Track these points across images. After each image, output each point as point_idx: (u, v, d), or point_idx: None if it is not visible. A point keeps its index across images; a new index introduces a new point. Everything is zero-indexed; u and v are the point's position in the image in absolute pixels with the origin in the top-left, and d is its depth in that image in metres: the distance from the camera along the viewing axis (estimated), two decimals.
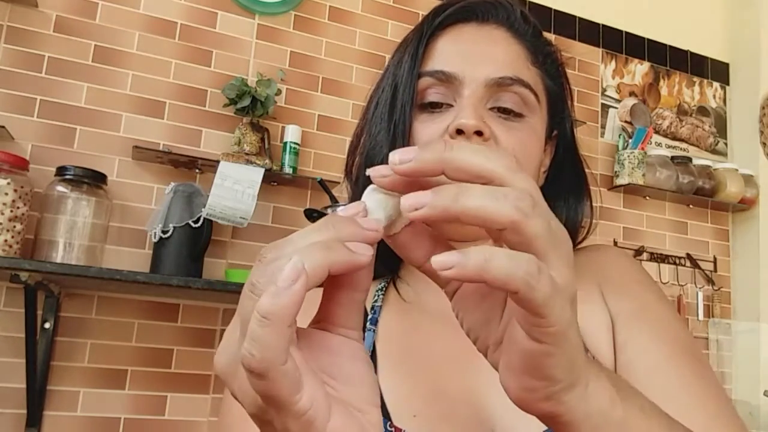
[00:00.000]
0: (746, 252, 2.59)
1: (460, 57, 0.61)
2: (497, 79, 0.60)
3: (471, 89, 0.59)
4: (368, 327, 0.62)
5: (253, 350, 0.29)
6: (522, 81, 0.60)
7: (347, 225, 0.32)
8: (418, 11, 2.28)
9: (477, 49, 0.62)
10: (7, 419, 1.62)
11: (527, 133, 0.61)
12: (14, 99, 1.75)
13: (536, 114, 0.62)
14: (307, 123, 2.05)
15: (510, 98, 0.60)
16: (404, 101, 0.61)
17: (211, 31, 1.99)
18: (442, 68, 0.61)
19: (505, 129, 0.59)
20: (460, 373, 0.57)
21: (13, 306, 1.65)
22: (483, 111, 0.59)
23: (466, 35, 0.63)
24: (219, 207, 1.76)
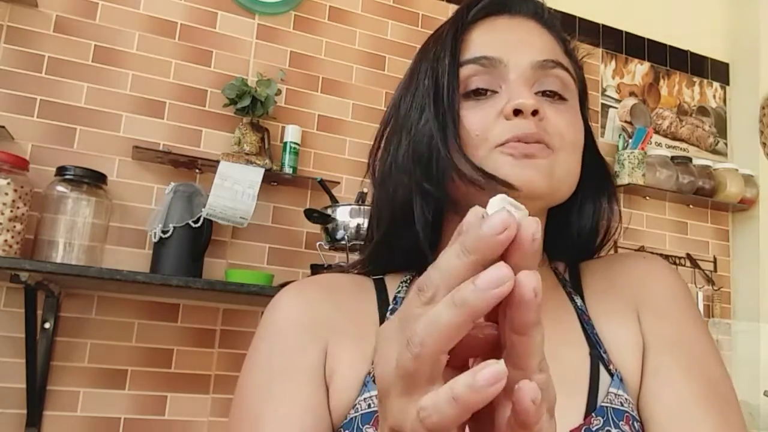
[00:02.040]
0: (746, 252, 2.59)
1: (500, 44, 0.61)
2: (541, 62, 0.60)
3: (517, 72, 0.60)
4: (388, 317, 0.62)
5: (434, 417, 0.29)
6: (563, 65, 0.61)
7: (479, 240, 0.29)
8: (418, 11, 2.28)
9: (515, 36, 0.62)
10: (7, 419, 1.62)
11: (573, 114, 0.62)
12: (14, 99, 1.75)
13: (575, 98, 0.63)
14: (307, 123, 2.05)
15: (554, 81, 0.61)
16: (449, 89, 0.60)
17: (211, 31, 1.99)
18: (484, 54, 0.61)
19: (554, 110, 0.60)
20: None
21: (13, 306, 1.65)
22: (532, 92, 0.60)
23: (501, 26, 0.64)
24: (219, 207, 1.76)
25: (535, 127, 0.57)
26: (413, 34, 2.25)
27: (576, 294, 0.66)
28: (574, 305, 0.64)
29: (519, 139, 0.57)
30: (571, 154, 0.60)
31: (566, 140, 0.59)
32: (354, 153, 2.09)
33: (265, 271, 1.83)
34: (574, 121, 0.61)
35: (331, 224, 1.78)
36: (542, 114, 0.58)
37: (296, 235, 2.00)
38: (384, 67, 2.19)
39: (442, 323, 0.29)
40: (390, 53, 2.21)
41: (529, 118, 0.57)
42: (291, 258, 1.97)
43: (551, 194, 0.59)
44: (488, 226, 0.29)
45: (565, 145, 0.59)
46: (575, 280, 0.68)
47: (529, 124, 0.57)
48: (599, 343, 0.60)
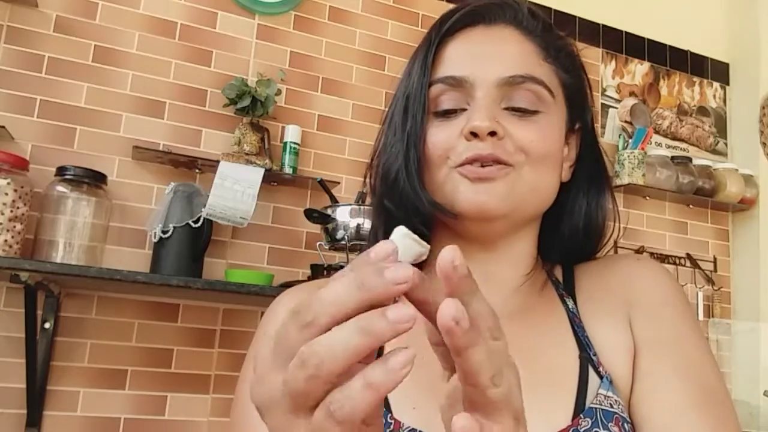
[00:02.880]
0: (746, 252, 2.59)
1: (470, 60, 0.61)
2: (508, 78, 0.60)
3: (483, 90, 0.60)
4: None
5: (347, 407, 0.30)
6: (534, 78, 0.60)
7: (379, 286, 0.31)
8: (418, 11, 2.28)
9: (486, 50, 0.62)
10: (7, 419, 1.62)
11: (544, 125, 0.61)
12: (14, 99, 1.75)
13: (552, 109, 0.62)
14: (307, 123, 2.05)
15: (523, 96, 0.60)
16: (416, 110, 0.61)
17: (211, 31, 1.99)
18: (452, 73, 0.61)
19: (520, 125, 0.59)
20: None
21: (13, 306, 1.65)
22: (497, 111, 0.60)
23: (475, 38, 0.63)
24: (219, 207, 1.76)
25: (491, 148, 0.58)
26: (413, 34, 2.25)
27: (568, 296, 0.66)
28: (565, 307, 0.64)
29: (474, 161, 0.58)
30: (538, 167, 0.60)
31: (531, 154, 0.59)
32: (354, 153, 2.09)
33: (265, 271, 1.83)
34: (544, 133, 0.60)
35: (331, 224, 1.78)
36: (501, 133, 0.58)
37: (296, 235, 2.00)
38: (384, 67, 2.19)
39: (348, 347, 0.30)
40: (390, 53, 2.21)
41: (486, 139, 0.58)
42: (291, 258, 1.97)
43: (511, 213, 0.60)
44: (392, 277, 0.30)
45: (529, 160, 0.59)
46: (569, 283, 0.68)
47: (485, 145, 0.58)
48: (589, 345, 0.60)
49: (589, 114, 0.68)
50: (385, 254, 0.32)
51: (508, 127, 0.59)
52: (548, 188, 0.63)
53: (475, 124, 0.57)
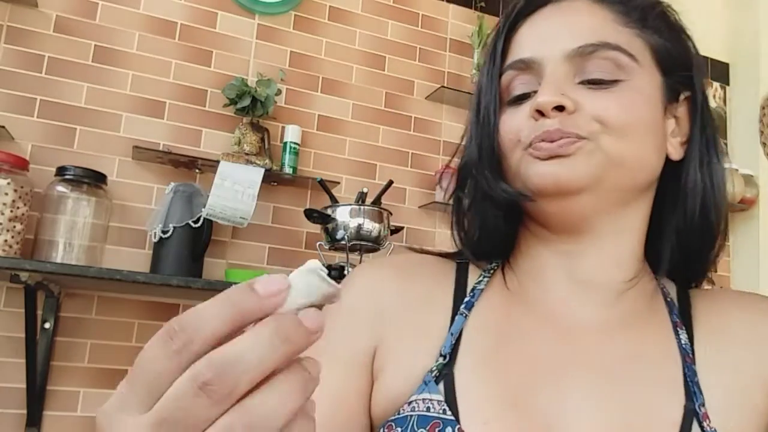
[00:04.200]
0: (746, 252, 2.59)
1: (537, 41, 0.58)
2: (576, 50, 0.55)
3: (551, 67, 0.56)
4: (461, 311, 0.57)
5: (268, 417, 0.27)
6: (607, 44, 0.55)
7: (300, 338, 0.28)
8: (418, 11, 2.28)
9: (553, 26, 0.58)
10: (7, 419, 1.62)
11: (626, 94, 0.55)
12: (14, 99, 1.75)
13: (636, 75, 0.55)
14: (307, 123, 2.05)
15: (598, 66, 0.55)
16: (487, 101, 0.58)
17: (211, 31, 1.99)
18: (519, 57, 0.58)
19: (595, 96, 0.54)
20: (548, 387, 0.52)
21: (13, 306, 1.65)
22: (568, 86, 0.55)
23: (543, 17, 0.59)
24: (219, 207, 1.76)
25: (559, 123, 0.53)
26: (413, 34, 2.25)
27: (682, 327, 0.58)
28: (677, 339, 0.56)
29: (542, 139, 0.54)
30: (621, 137, 0.53)
31: (609, 123, 0.53)
32: (354, 153, 2.09)
33: (265, 271, 1.83)
34: (624, 101, 0.54)
35: (331, 224, 1.78)
36: (570, 107, 0.53)
37: (296, 235, 2.00)
38: (384, 67, 2.19)
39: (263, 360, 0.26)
40: (390, 53, 2.21)
41: (552, 115, 0.53)
42: (291, 258, 1.97)
43: (591, 187, 0.53)
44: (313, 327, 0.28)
45: (608, 129, 0.53)
46: (683, 308, 0.60)
47: (551, 122, 0.53)
48: (697, 395, 0.52)
49: (697, 81, 0.59)
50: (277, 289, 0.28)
51: (580, 100, 0.54)
52: (640, 161, 0.55)
53: (539, 100, 0.54)
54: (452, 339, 0.55)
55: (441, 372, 0.53)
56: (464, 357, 0.54)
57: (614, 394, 0.52)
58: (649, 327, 0.57)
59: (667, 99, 0.58)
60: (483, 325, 0.56)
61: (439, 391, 0.51)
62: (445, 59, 2.29)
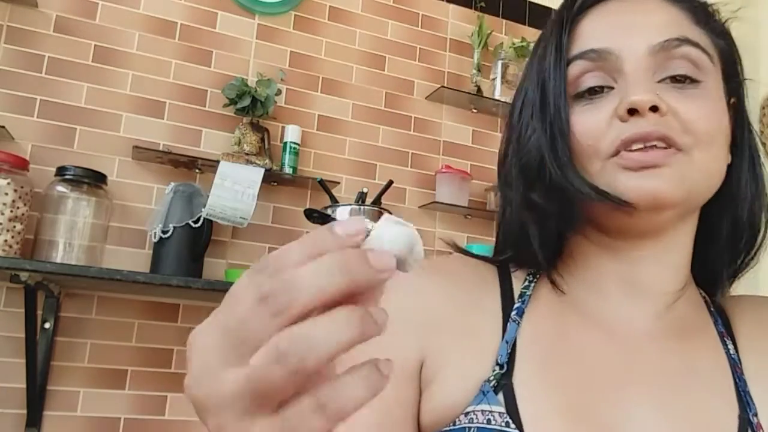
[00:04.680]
0: None
1: (611, 31, 0.53)
2: (662, 44, 0.51)
3: (633, 62, 0.51)
4: (513, 318, 0.54)
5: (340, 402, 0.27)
6: (690, 41, 0.52)
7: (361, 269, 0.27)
8: (418, 11, 2.28)
9: (628, 19, 0.54)
10: (7, 419, 1.62)
11: (709, 99, 0.52)
12: (14, 99, 1.75)
13: (712, 78, 0.53)
14: (307, 123, 2.05)
15: (680, 64, 0.52)
16: (556, 93, 0.53)
17: (211, 31, 1.99)
18: (593, 46, 0.53)
19: (683, 98, 0.51)
20: (611, 395, 0.51)
21: (13, 306, 1.65)
22: (653, 84, 0.51)
23: (612, 9, 0.55)
24: (219, 207, 1.76)
25: (655, 125, 0.49)
26: (413, 34, 2.25)
27: (728, 337, 0.57)
28: (725, 350, 0.56)
29: (635, 141, 0.49)
30: (709, 148, 0.51)
31: (700, 135, 0.50)
32: (354, 153, 2.09)
33: None
34: (709, 107, 0.52)
35: None
36: (664, 109, 0.49)
37: (296, 235, 1.99)
38: (384, 67, 2.19)
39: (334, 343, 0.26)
40: (390, 53, 2.21)
41: (647, 115, 0.49)
42: None
43: (684, 202, 0.51)
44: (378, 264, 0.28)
45: (698, 141, 0.50)
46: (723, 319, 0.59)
47: (646, 123, 0.49)
48: (749, 404, 0.52)
49: (742, 87, 0.59)
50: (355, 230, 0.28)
51: (670, 101, 0.50)
52: (719, 173, 0.53)
53: (634, 99, 0.49)
54: (507, 347, 0.52)
55: (499, 382, 0.50)
56: (522, 367, 0.52)
57: (675, 406, 0.51)
58: (699, 337, 0.56)
59: (727, 100, 0.57)
60: (537, 333, 0.54)
61: (499, 403, 0.49)
62: (445, 59, 2.29)
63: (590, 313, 0.56)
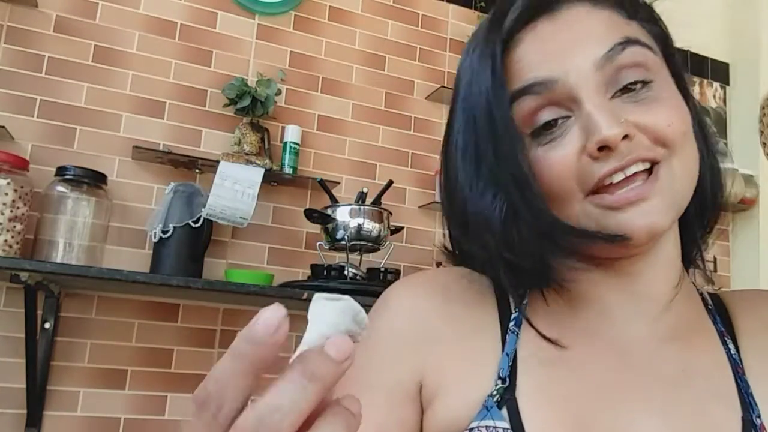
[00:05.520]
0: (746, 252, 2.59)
1: (551, 55, 0.50)
2: (606, 54, 0.49)
3: (583, 84, 0.48)
4: (512, 329, 0.53)
5: None
6: (632, 39, 0.50)
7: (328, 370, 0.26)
8: (418, 11, 2.28)
9: (564, 37, 0.50)
10: (7, 419, 1.62)
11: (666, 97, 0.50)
12: (14, 99, 1.75)
13: (662, 71, 0.51)
14: (307, 123, 2.05)
15: (628, 72, 0.49)
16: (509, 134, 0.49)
17: (211, 31, 1.99)
18: (535, 78, 0.49)
19: (643, 108, 0.49)
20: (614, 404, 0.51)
21: (13, 306, 1.65)
22: (610, 104, 0.48)
23: (545, 31, 0.51)
24: (219, 207, 1.76)
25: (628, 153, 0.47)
26: (413, 34, 2.25)
27: (728, 336, 0.56)
28: (726, 351, 0.55)
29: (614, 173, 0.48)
30: (683, 150, 0.50)
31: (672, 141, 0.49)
32: (354, 153, 2.09)
33: (265, 271, 1.83)
34: (670, 106, 0.50)
35: (331, 224, 1.78)
36: (633, 133, 0.48)
37: (296, 235, 2.00)
38: (384, 67, 2.19)
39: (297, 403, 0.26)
40: (390, 53, 2.21)
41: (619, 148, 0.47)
42: (291, 258, 1.97)
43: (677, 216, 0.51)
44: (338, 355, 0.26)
45: (673, 148, 0.49)
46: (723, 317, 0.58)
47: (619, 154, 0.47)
48: (753, 406, 0.51)
49: (679, 61, 0.56)
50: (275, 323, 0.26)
51: (632, 117, 0.48)
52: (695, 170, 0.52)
53: (604, 135, 0.46)
54: (508, 360, 0.52)
55: (503, 397, 0.50)
56: (524, 380, 0.51)
57: (676, 411, 0.51)
58: (699, 338, 0.55)
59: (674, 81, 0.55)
60: (536, 343, 0.53)
61: (503, 417, 0.48)
62: (445, 59, 2.29)
63: (589, 322, 0.55)
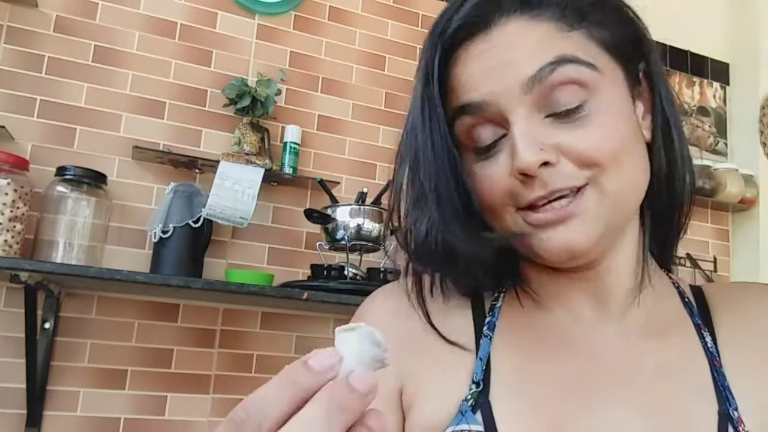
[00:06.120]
0: (746, 252, 2.59)
1: (482, 76, 0.50)
2: (533, 77, 0.48)
3: (512, 107, 0.49)
4: (485, 333, 0.55)
5: None
6: (564, 57, 0.49)
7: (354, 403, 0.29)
8: (418, 11, 2.28)
9: (496, 56, 0.50)
10: (7, 419, 1.62)
11: (600, 117, 0.49)
12: (14, 99, 1.75)
13: (601, 86, 0.50)
14: (307, 123, 2.05)
15: (562, 92, 0.49)
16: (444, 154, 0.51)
17: (211, 31, 1.99)
18: (467, 101, 0.51)
19: (573, 130, 0.49)
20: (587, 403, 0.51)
21: (13, 306, 1.65)
22: (538, 127, 0.49)
23: (478, 50, 0.51)
24: (219, 207, 1.76)
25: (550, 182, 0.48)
26: (413, 34, 2.25)
27: (705, 329, 0.56)
28: (703, 344, 0.55)
29: (534, 204, 0.49)
30: (616, 168, 0.49)
31: (601, 161, 0.49)
32: (354, 153, 2.09)
33: (265, 271, 1.83)
34: (604, 127, 0.49)
35: (331, 224, 1.78)
36: (554, 159, 0.48)
37: (296, 235, 2.00)
38: (384, 67, 2.19)
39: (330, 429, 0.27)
40: (390, 53, 2.21)
41: (539, 173, 0.48)
42: (291, 258, 1.97)
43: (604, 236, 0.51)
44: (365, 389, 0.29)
45: (603, 168, 0.49)
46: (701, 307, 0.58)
47: (540, 182, 0.49)
48: (729, 399, 0.51)
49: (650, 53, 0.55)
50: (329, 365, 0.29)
51: (559, 141, 0.49)
52: (638, 181, 0.53)
53: (520, 163, 0.48)
54: (482, 364, 0.53)
55: (477, 401, 0.51)
56: (498, 383, 0.52)
57: (652, 407, 0.51)
58: (673, 332, 0.56)
59: (631, 86, 0.54)
60: (510, 347, 0.54)
61: (477, 421, 0.49)
62: None
63: (559, 322, 0.56)
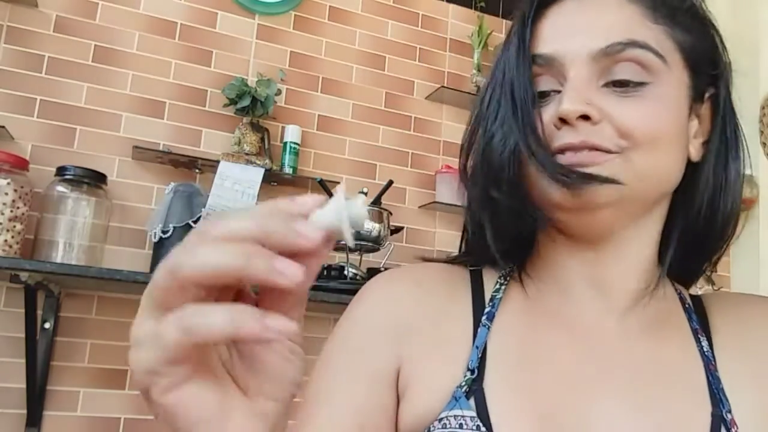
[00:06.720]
0: (746, 252, 2.59)
1: (559, 35, 0.54)
2: (604, 49, 0.51)
3: (575, 68, 0.52)
4: (483, 322, 0.56)
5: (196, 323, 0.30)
6: (635, 42, 0.51)
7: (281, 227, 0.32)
8: (418, 11, 2.28)
9: (577, 21, 0.54)
10: (7, 419, 1.62)
11: (653, 100, 0.51)
12: (14, 99, 1.75)
13: (664, 78, 0.52)
14: (307, 123, 2.05)
15: (625, 67, 0.52)
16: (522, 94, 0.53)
17: (211, 31, 1.99)
18: (540, 51, 0.54)
19: (623, 103, 0.51)
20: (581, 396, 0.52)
21: (13, 306, 1.65)
22: (592, 90, 0.51)
23: (568, 10, 0.55)
24: (219, 207, 1.76)
25: (585, 135, 0.50)
26: (413, 34, 2.25)
27: (702, 334, 0.57)
28: (699, 348, 0.56)
29: (564, 150, 0.51)
30: (650, 151, 0.51)
31: (637, 138, 0.50)
32: (354, 153, 2.09)
33: None
34: (652, 109, 0.51)
35: None
36: (596, 117, 0.50)
37: None
38: (384, 67, 2.19)
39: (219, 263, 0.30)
40: (390, 53, 2.21)
41: (577, 125, 0.50)
42: None
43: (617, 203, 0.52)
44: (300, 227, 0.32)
45: (636, 145, 0.51)
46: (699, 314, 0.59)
47: (575, 133, 0.51)
48: (723, 402, 0.52)
49: (722, 79, 0.57)
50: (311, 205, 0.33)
51: (606, 107, 0.51)
52: (666, 172, 0.53)
53: (563, 108, 0.50)
54: (478, 353, 0.54)
55: (471, 387, 0.52)
56: (492, 371, 0.53)
57: (644, 405, 0.52)
58: (671, 334, 0.57)
59: (693, 99, 0.56)
60: (507, 336, 0.55)
61: (470, 407, 0.50)
62: (445, 59, 2.29)
63: (559, 314, 0.57)
